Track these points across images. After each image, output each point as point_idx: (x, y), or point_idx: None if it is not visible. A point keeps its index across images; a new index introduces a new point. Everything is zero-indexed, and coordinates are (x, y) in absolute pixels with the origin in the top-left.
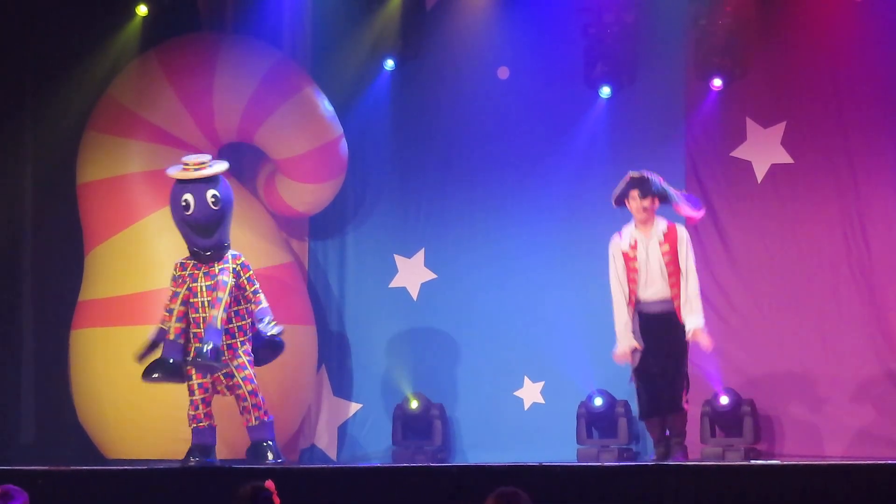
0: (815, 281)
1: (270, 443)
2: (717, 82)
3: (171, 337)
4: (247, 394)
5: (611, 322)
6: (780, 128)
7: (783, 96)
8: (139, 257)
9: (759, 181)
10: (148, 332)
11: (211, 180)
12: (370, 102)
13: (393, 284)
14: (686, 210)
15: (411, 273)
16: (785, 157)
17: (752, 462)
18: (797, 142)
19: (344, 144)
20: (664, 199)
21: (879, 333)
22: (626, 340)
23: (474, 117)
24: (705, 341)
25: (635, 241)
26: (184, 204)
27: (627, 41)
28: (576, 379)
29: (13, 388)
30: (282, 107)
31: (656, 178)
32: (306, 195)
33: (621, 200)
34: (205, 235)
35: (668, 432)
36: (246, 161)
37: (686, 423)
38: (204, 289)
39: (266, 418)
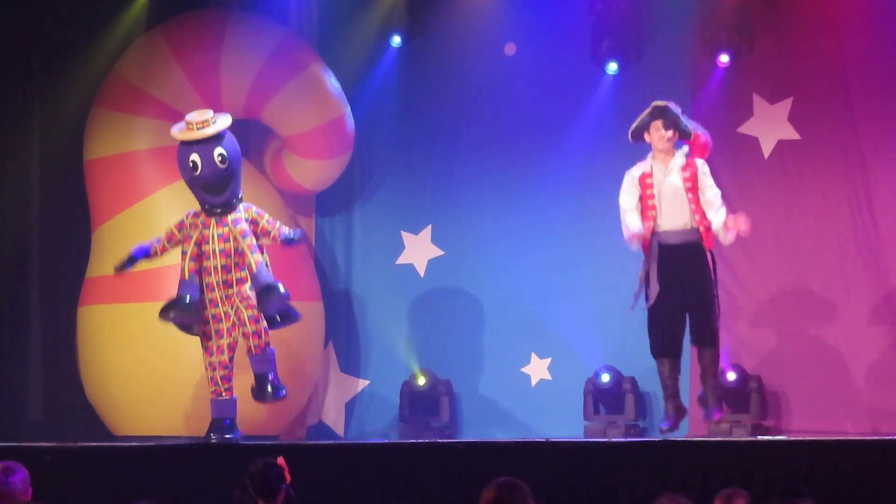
0: (822, 256)
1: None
2: (724, 58)
3: (186, 277)
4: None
5: (617, 297)
6: (786, 104)
7: (790, 72)
8: (146, 234)
9: (766, 157)
10: (155, 309)
11: (216, 138)
12: (377, 79)
13: (400, 261)
14: (700, 141)
15: (418, 249)
16: (792, 133)
17: (759, 438)
18: (804, 117)
19: (351, 121)
20: (684, 134)
21: (886, 308)
22: (638, 224)
23: (481, 94)
24: (740, 221)
25: (651, 170)
26: (191, 165)
27: (634, 17)
28: (583, 355)
29: (21, 366)
30: (289, 83)
31: (678, 110)
32: (313, 172)
33: (640, 133)
34: (216, 193)
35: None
36: (253, 138)
37: (719, 360)
38: (216, 237)
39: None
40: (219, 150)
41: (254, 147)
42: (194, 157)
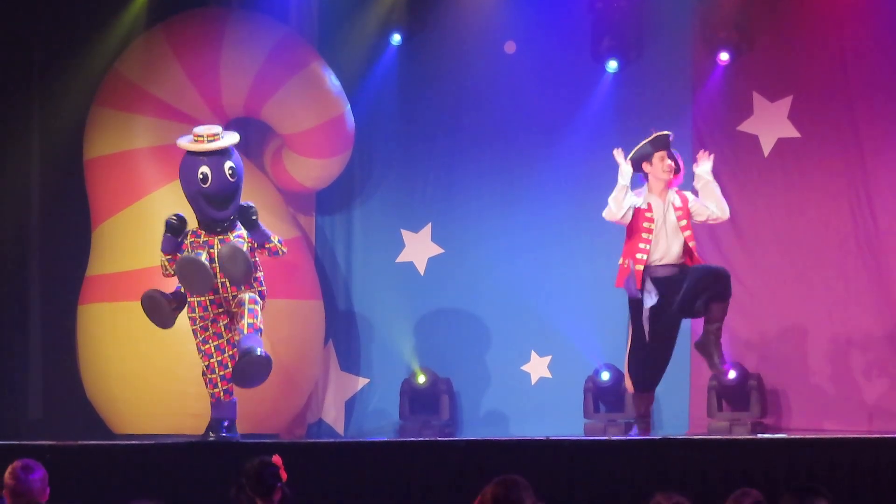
0: (822, 255)
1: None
2: (724, 56)
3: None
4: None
5: (617, 296)
6: (786, 101)
7: (790, 70)
8: (146, 232)
9: (766, 155)
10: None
11: (225, 152)
12: (377, 77)
13: (400, 259)
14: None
15: (418, 248)
16: (792, 131)
17: (759, 436)
18: (804, 115)
19: (350, 119)
20: (677, 167)
21: (886, 306)
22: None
23: (481, 92)
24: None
25: (649, 205)
26: (201, 177)
27: (634, 15)
28: (583, 353)
29: (21, 364)
30: (289, 82)
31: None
32: (313, 170)
33: (638, 163)
34: (221, 208)
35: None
36: (253, 136)
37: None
38: None
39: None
40: (229, 164)
41: (254, 146)
42: (204, 168)
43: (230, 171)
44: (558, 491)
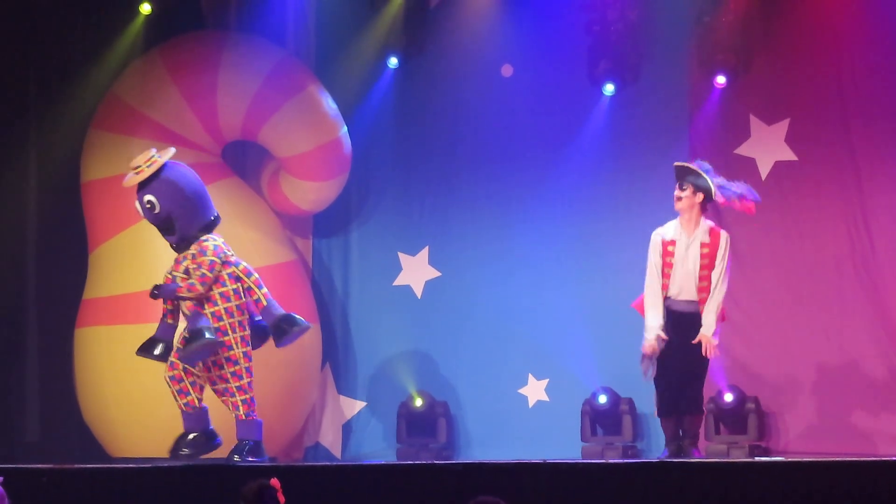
0: (819, 277)
1: (249, 442)
2: (721, 79)
3: (160, 315)
4: (234, 388)
5: (614, 319)
6: (783, 125)
7: (787, 93)
8: (143, 255)
9: (763, 178)
10: (152, 331)
11: (147, 184)
12: (374, 100)
13: (397, 282)
14: (738, 205)
15: (415, 271)
16: (789, 155)
17: (757, 459)
18: (801, 139)
19: (347, 142)
20: (707, 194)
21: (883, 330)
22: (655, 332)
23: (477, 115)
24: (710, 349)
25: (674, 239)
26: (136, 209)
27: (631, 38)
28: (580, 376)
29: (18, 387)
30: (285, 105)
31: (703, 169)
32: (310, 193)
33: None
34: (166, 234)
35: (681, 433)
36: (250, 159)
37: (701, 426)
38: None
39: (254, 418)
40: (147, 198)
41: (251, 168)
42: (136, 203)
43: (149, 206)
44: None
